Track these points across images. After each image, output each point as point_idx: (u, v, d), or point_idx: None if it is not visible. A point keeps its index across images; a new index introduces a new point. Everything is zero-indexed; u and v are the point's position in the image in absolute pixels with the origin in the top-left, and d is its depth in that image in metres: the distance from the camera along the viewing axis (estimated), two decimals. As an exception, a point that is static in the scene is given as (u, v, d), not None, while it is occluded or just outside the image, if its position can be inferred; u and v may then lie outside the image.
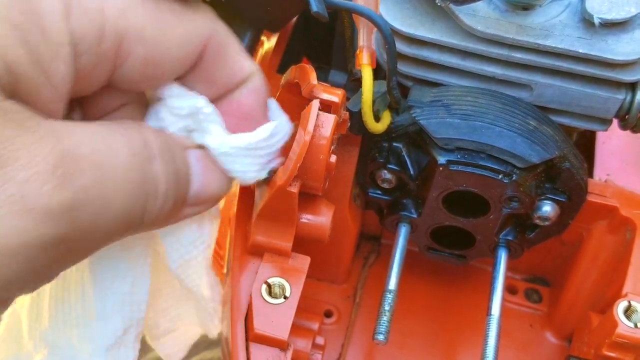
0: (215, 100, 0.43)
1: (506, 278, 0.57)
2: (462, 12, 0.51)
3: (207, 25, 0.40)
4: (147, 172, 0.39)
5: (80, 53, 0.36)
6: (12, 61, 0.34)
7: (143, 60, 0.38)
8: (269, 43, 0.62)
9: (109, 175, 0.36)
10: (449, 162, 0.51)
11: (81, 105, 0.42)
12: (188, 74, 0.42)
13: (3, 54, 0.33)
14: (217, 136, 0.44)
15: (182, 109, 0.43)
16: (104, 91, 0.41)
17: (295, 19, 0.64)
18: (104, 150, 0.37)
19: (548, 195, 0.54)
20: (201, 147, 0.44)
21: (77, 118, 0.41)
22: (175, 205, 0.42)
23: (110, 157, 0.37)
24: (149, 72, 0.39)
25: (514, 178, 0.51)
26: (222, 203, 0.65)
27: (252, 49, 0.52)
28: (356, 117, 0.51)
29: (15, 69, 0.34)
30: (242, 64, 0.43)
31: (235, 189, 0.55)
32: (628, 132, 0.54)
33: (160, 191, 0.40)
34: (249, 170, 0.45)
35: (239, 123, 0.44)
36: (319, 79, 0.49)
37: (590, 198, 0.55)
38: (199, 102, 0.43)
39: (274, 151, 0.46)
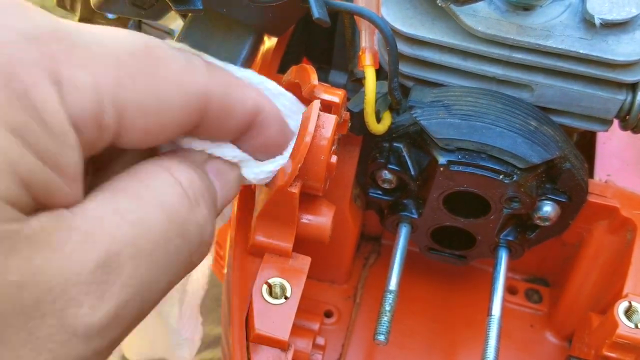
0: (234, 142, 0.42)
1: (507, 278, 0.57)
2: (463, 13, 0.51)
3: (205, 81, 0.38)
4: (190, 231, 0.37)
5: (82, 131, 0.34)
6: (25, 174, 0.31)
7: (144, 130, 0.36)
8: (269, 43, 0.62)
9: (149, 257, 0.34)
10: (450, 162, 0.51)
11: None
12: (195, 129, 0.39)
13: (14, 170, 0.30)
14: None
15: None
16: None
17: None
18: (138, 233, 0.34)
19: (549, 196, 0.54)
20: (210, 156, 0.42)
21: (88, 173, 0.38)
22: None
23: (147, 234, 0.35)
24: (150, 139, 0.37)
25: (514, 178, 0.51)
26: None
27: (253, 55, 0.52)
28: (357, 117, 0.51)
29: (31, 180, 0.31)
30: (245, 105, 0.40)
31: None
32: (628, 132, 0.54)
33: (206, 239, 0.38)
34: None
35: (267, 153, 0.43)
36: (319, 79, 0.49)
37: (591, 198, 0.55)
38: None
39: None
